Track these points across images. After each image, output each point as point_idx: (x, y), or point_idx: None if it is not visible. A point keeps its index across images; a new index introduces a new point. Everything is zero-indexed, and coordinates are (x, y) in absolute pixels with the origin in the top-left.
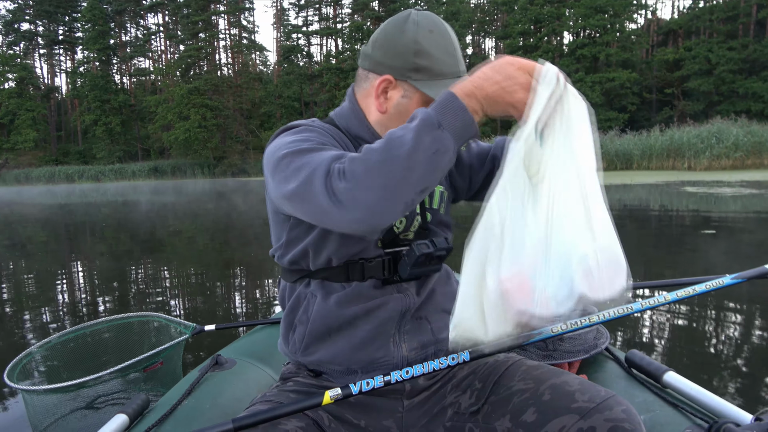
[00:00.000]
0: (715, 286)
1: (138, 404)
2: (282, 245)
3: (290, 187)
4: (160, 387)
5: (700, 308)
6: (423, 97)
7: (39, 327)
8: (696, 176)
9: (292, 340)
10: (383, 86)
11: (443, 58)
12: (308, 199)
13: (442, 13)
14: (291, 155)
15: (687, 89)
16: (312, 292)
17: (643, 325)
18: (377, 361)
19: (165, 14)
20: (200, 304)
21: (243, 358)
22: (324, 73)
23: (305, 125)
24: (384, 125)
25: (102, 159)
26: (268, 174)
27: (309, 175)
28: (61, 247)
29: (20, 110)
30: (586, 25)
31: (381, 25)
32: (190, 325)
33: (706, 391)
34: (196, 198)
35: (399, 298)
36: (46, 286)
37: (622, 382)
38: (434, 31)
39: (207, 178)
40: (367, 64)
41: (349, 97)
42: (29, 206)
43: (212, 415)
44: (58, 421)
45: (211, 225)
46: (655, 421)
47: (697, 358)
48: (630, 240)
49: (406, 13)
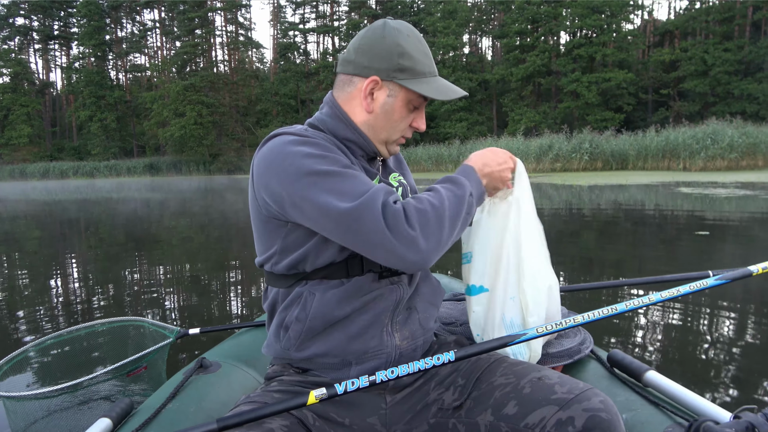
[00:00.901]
0: (699, 287)
1: (121, 408)
2: (275, 253)
3: (342, 206)
4: (144, 391)
5: (681, 307)
6: (407, 95)
7: (20, 331)
8: (691, 177)
9: (285, 337)
10: (370, 87)
11: (422, 59)
12: (363, 224)
13: (439, 11)
14: (333, 175)
15: (683, 90)
16: (309, 290)
17: (626, 324)
18: (371, 350)
19: (161, 10)
20: (184, 307)
21: (228, 361)
22: (320, 71)
23: (309, 137)
24: (371, 125)
25: (97, 155)
26: (288, 183)
27: (366, 202)
28: (40, 248)
29: (14, 106)
30: (583, 25)
31: (359, 33)
32: (174, 329)
33: (687, 389)
34: (182, 196)
35: (394, 288)
36: (21, 290)
37: (604, 381)
38: (411, 35)
39: (203, 175)
40: (351, 68)
41: (330, 103)
42: (11, 202)
43: (197, 418)
44: (41, 427)
45: (196, 226)
46: (636, 420)
47: (678, 357)
48: (623, 239)
49: (382, 22)
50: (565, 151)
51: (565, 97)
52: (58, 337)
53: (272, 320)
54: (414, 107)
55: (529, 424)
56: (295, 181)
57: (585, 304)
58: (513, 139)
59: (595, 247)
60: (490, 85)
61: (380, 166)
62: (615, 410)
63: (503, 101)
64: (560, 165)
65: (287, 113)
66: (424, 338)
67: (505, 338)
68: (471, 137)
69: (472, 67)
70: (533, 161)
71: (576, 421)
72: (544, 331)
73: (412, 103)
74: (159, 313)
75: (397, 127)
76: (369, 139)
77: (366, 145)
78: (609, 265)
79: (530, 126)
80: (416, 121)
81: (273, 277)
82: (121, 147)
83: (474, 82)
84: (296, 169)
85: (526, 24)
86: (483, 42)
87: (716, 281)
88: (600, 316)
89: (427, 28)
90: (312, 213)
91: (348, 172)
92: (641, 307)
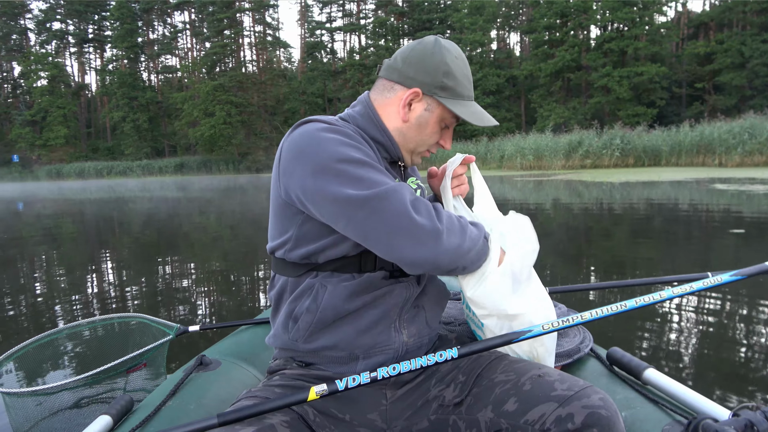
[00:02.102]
0: (713, 284)
1: (122, 405)
2: (290, 239)
3: (369, 191)
4: (144, 388)
5: (681, 305)
6: (443, 113)
7: (21, 325)
8: (727, 173)
9: (294, 328)
10: (410, 98)
11: (464, 82)
12: (390, 204)
13: (466, 8)
14: (364, 164)
15: (718, 83)
16: (321, 282)
17: (625, 322)
18: (379, 345)
19: (191, 12)
20: (184, 304)
21: (228, 358)
22: (347, 69)
23: (339, 127)
24: (403, 133)
25: (130, 155)
26: (318, 169)
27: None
28: (55, 244)
29: (52, 108)
30: (614, 18)
31: (408, 45)
32: (173, 326)
33: (686, 387)
34: (203, 195)
35: (403, 286)
36: (33, 284)
37: (604, 379)
38: (458, 58)
39: (232, 174)
40: (395, 76)
41: (365, 103)
42: (42, 201)
43: (197, 415)
44: (40, 423)
45: (206, 225)
46: (636, 417)
47: (677, 355)
48: (651, 237)
49: (433, 38)
50: (596, 147)
51: (595, 92)
52: (58, 333)
53: (279, 310)
54: (445, 125)
55: (529, 420)
56: (324, 167)
57: (586, 304)
58: (541, 135)
59: (620, 245)
60: (518, 81)
61: (402, 170)
62: (614, 408)
63: (531, 97)
64: (590, 162)
65: (314, 112)
66: (430, 337)
67: (509, 335)
68: (499, 134)
69: (499, 63)
70: (562, 158)
71: (575, 418)
72: (550, 328)
73: (445, 121)
74: (160, 310)
75: (426, 141)
76: (398, 146)
77: (393, 149)
78: (629, 264)
79: (559, 122)
80: (444, 139)
81: (283, 264)
82: (153, 147)
83: (502, 78)
84: (328, 155)
85: (555, 18)
86: (511, 37)
87: (732, 277)
88: (608, 313)
89: (454, 24)
90: (334, 202)
91: (376, 165)
92: (652, 303)
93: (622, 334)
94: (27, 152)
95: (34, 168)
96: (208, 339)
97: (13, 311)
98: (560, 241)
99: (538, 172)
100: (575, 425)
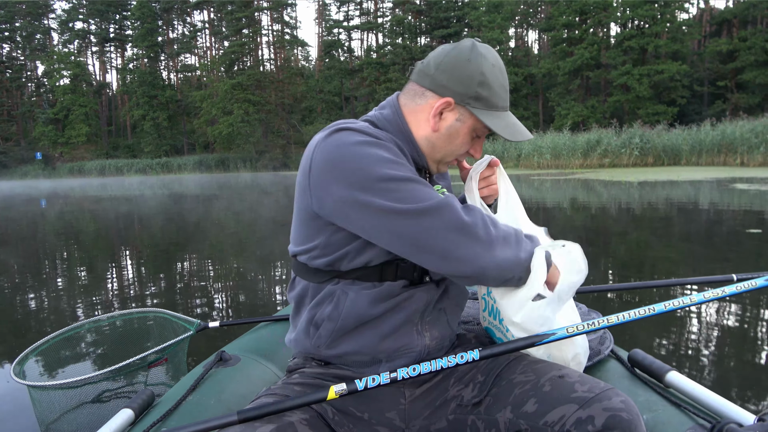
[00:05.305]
0: (746, 288)
1: (143, 399)
2: (316, 248)
3: (418, 205)
4: (165, 383)
5: (704, 307)
6: (475, 124)
7: (51, 319)
8: (749, 172)
9: (316, 335)
10: (442, 107)
11: (500, 92)
12: (444, 214)
13: (484, 5)
14: (409, 181)
15: (741, 81)
16: (342, 289)
17: (647, 324)
18: (402, 348)
19: (210, 11)
20: (204, 301)
21: (247, 354)
22: (364, 68)
23: (379, 139)
24: (432, 143)
25: (149, 153)
26: (356, 186)
27: (447, 200)
28: (77, 240)
29: (74, 106)
30: (635, 15)
31: (443, 49)
32: (194, 322)
33: (709, 391)
34: (220, 193)
35: (424, 289)
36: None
37: (625, 381)
38: (495, 65)
39: (249, 171)
40: (428, 82)
41: (394, 106)
42: (64, 197)
43: (217, 410)
44: (64, 416)
45: (222, 221)
46: (658, 421)
47: (701, 358)
48: (668, 237)
49: (470, 43)
50: (614, 146)
51: (614, 91)
52: (80, 327)
53: (300, 314)
54: (476, 135)
55: (549, 422)
56: (367, 186)
57: (604, 303)
58: (559, 134)
59: (638, 244)
60: (536, 79)
61: (428, 179)
62: (636, 410)
63: (550, 95)
64: (609, 161)
65: (331, 110)
66: (450, 338)
67: (532, 338)
68: None
69: (517, 61)
70: (580, 157)
71: (596, 420)
72: (575, 332)
73: (477, 132)
74: (181, 305)
75: (456, 151)
76: (425, 156)
77: (419, 159)
78: (647, 264)
79: (578, 121)
80: (474, 149)
81: (306, 269)
82: (172, 144)
83: (520, 77)
84: (370, 173)
85: (574, 16)
86: (529, 35)
87: (767, 282)
88: (637, 317)
89: (472, 22)
90: (381, 217)
91: (420, 179)
92: (682, 308)
93: (642, 334)
94: (50, 150)
95: (57, 165)
96: (228, 335)
97: (35, 305)
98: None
99: (556, 170)
100: (596, 428)
